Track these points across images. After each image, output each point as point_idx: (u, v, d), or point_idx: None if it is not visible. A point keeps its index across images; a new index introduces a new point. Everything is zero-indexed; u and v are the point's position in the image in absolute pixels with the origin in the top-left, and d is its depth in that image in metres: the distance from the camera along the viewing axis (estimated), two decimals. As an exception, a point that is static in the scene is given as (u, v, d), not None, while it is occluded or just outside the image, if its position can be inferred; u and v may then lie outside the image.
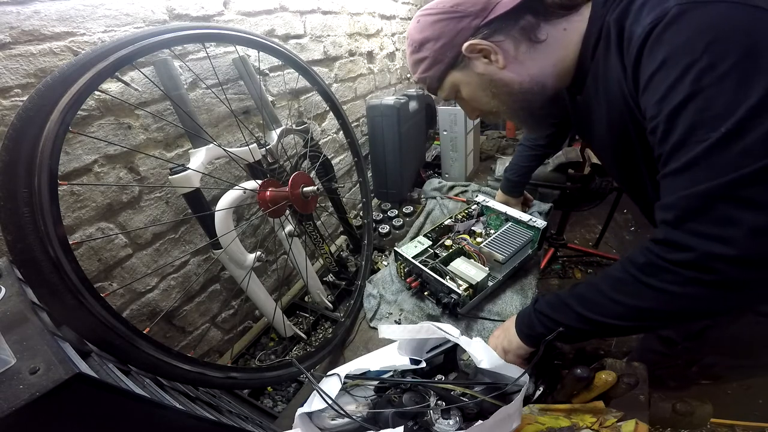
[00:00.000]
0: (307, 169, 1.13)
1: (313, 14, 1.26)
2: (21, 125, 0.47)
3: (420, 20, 0.62)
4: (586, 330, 0.55)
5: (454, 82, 0.65)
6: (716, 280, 0.39)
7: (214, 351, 1.03)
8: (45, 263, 0.44)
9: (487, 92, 0.63)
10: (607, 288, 0.50)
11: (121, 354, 0.50)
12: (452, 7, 0.58)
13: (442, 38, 0.60)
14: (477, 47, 0.58)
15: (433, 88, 0.68)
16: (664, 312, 0.45)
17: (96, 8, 0.68)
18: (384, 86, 1.85)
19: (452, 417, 0.56)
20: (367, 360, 0.69)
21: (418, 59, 0.65)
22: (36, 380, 0.30)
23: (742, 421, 1.10)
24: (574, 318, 0.55)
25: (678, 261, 0.41)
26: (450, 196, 1.53)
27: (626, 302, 0.48)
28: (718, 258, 0.38)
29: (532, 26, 0.56)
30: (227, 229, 0.78)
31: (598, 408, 0.60)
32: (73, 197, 0.68)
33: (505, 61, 0.58)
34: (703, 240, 0.39)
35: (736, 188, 0.36)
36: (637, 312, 0.47)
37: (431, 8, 0.61)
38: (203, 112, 0.91)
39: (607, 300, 0.50)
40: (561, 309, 0.58)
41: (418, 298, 0.99)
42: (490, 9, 0.56)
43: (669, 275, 0.43)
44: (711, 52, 0.36)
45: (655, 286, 0.44)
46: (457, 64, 0.62)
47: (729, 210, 0.37)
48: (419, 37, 0.63)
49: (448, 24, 0.59)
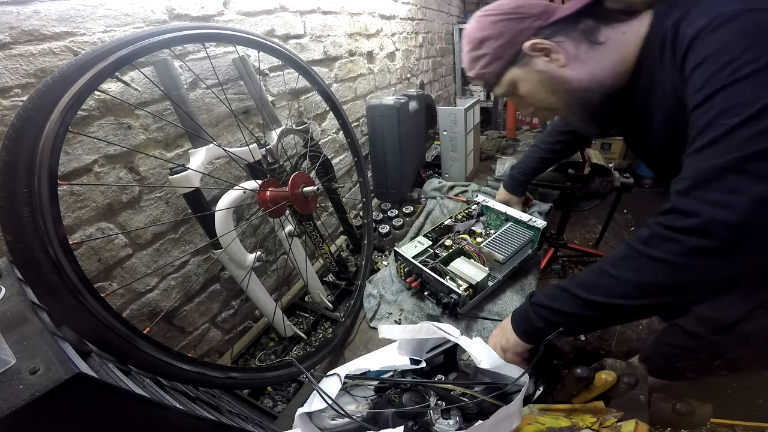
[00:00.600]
0: (307, 169, 1.13)
1: (313, 14, 1.26)
2: (21, 125, 0.47)
3: (480, 20, 0.67)
4: (588, 316, 0.54)
5: (513, 79, 0.68)
6: (717, 246, 0.41)
7: (214, 351, 1.03)
8: (45, 263, 0.44)
9: (546, 88, 0.66)
10: (609, 266, 0.51)
11: (121, 354, 0.50)
12: (513, 9, 0.64)
13: (503, 37, 0.65)
14: (538, 46, 0.62)
15: (491, 84, 0.72)
16: (665, 286, 0.46)
17: (96, 8, 0.68)
18: (384, 86, 1.85)
19: (452, 417, 0.56)
20: (367, 360, 0.69)
21: (478, 56, 0.69)
22: (36, 380, 0.30)
23: (742, 421, 1.10)
24: (575, 303, 0.55)
25: (682, 228, 0.43)
26: (450, 196, 1.53)
27: (628, 278, 0.48)
28: (721, 224, 0.40)
29: (591, 29, 0.61)
30: (227, 229, 0.78)
31: (598, 408, 0.60)
32: (73, 197, 0.68)
33: (566, 59, 0.62)
34: (709, 206, 0.41)
35: (746, 162, 0.39)
36: (639, 288, 0.48)
37: (491, 10, 0.66)
38: (203, 112, 0.91)
39: (609, 278, 0.50)
40: (559, 297, 0.57)
41: (418, 298, 0.99)
42: (551, 12, 0.62)
43: (672, 244, 0.44)
44: (749, 52, 0.40)
45: (657, 257, 0.45)
46: (517, 61, 0.66)
47: (737, 181, 0.39)
48: (479, 36, 0.67)
49: (509, 24, 0.64)
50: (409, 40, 2.13)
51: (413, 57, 2.21)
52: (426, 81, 2.47)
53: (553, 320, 0.58)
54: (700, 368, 0.84)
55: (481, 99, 2.87)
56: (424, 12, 2.32)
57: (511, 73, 0.68)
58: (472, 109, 1.63)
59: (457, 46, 2.99)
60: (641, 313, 0.52)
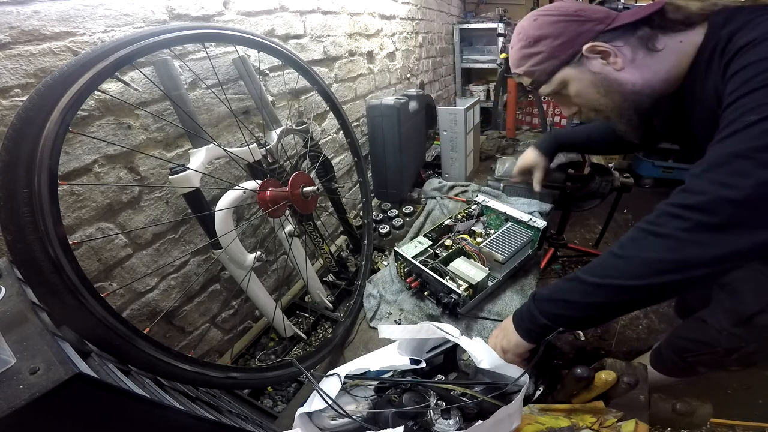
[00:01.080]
0: (307, 169, 1.13)
1: (313, 14, 1.26)
2: (21, 125, 0.47)
3: (538, 19, 0.68)
4: (594, 303, 0.55)
5: (565, 78, 0.69)
6: (720, 223, 0.44)
7: (214, 351, 1.03)
8: (45, 263, 0.44)
9: (599, 90, 0.68)
10: (616, 249, 0.53)
11: (121, 354, 0.50)
12: (576, 12, 0.66)
13: (562, 37, 0.66)
14: (598, 48, 0.64)
15: (540, 81, 0.72)
16: (672, 262, 0.47)
17: (96, 8, 0.68)
18: (384, 86, 1.85)
19: (452, 417, 0.56)
20: (367, 360, 0.69)
21: (531, 53, 0.70)
22: (36, 380, 0.30)
23: (742, 421, 1.10)
24: (582, 290, 0.55)
25: (689, 204, 0.46)
26: (450, 196, 1.53)
27: (635, 255, 0.50)
28: (725, 200, 0.43)
29: (650, 37, 0.63)
30: (227, 229, 0.78)
31: (598, 408, 0.60)
32: (73, 197, 0.68)
33: (623, 63, 0.64)
34: (716, 185, 0.45)
35: (756, 151, 0.43)
36: (646, 265, 0.49)
37: (552, 10, 0.67)
38: (203, 112, 0.91)
39: (616, 259, 0.52)
40: (565, 287, 0.58)
41: (418, 298, 0.99)
42: (612, 18, 0.64)
43: (678, 221, 0.47)
44: None
45: (663, 233, 0.48)
46: (572, 62, 0.67)
47: (745, 166, 0.43)
48: (536, 33, 0.68)
49: (570, 25, 0.65)
50: (409, 40, 2.13)
51: (413, 57, 2.21)
52: (426, 81, 2.47)
53: (558, 313, 0.58)
54: (713, 363, 0.85)
55: (481, 99, 2.87)
56: (424, 12, 2.32)
57: (564, 72, 0.69)
58: (472, 109, 1.63)
59: (458, 46, 2.99)
60: (649, 295, 0.52)
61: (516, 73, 0.76)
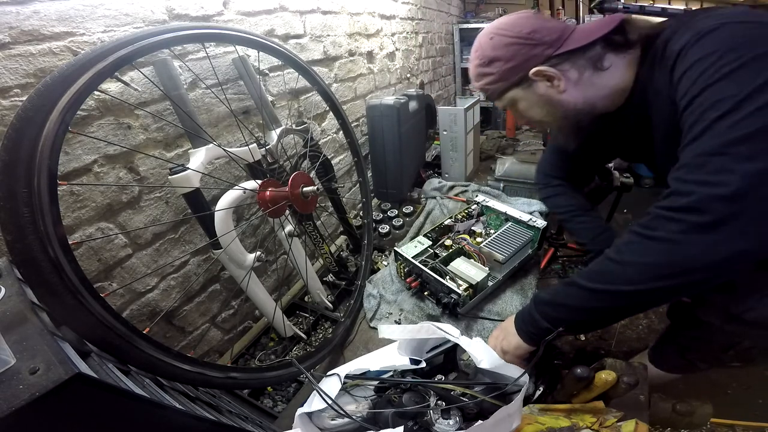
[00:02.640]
0: (307, 169, 1.13)
1: (313, 14, 1.26)
2: (20, 125, 0.47)
3: (494, 38, 0.68)
4: (594, 308, 0.55)
5: (514, 98, 0.72)
6: (714, 220, 0.43)
7: (214, 351, 1.03)
8: (45, 263, 0.44)
9: (543, 109, 0.71)
10: (613, 254, 0.52)
11: (121, 354, 0.50)
12: (529, 34, 0.65)
13: (513, 61, 0.67)
14: (543, 73, 0.65)
15: (492, 98, 0.77)
16: (670, 265, 0.47)
17: (95, 8, 0.68)
18: (384, 86, 1.85)
19: (452, 417, 0.56)
20: (367, 360, 0.69)
21: (485, 73, 0.71)
22: (36, 380, 0.30)
23: (742, 421, 1.10)
24: (582, 296, 0.55)
25: (680, 207, 0.46)
26: (450, 196, 1.53)
27: (633, 261, 0.50)
28: (715, 198, 0.43)
29: (599, 56, 0.64)
30: (227, 229, 0.78)
31: (598, 408, 0.60)
32: (73, 197, 0.68)
33: (566, 86, 0.66)
34: (702, 186, 0.45)
35: (728, 146, 0.44)
36: (644, 270, 0.49)
37: (507, 30, 0.67)
38: (203, 112, 0.91)
39: (614, 265, 0.51)
40: (564, 292, 0.58)
41: (418, 298, 0.99)
42: (563, 41, 0.64)
43: (673, 224, 0.46)
44: (728, 54, 0.46)
45: (659, 237, 0.47)
46: (520, 84, 0.69)
47: (723, 162, 0.44)
48: (491, 55, 0.69)
49: (522, 49, 0.66)
50: (409, 40, 2.13)
51: (413, 57, 2.21)
52: (426, 81, 2.47)
53: (559, 317, 0.58)
54: (712, 359, 0.85)
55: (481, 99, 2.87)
56: (424, 12, 2.32)
57: (513, 92, 0.71)
58: (472, 109, 1.63)
59: (457, 46, 2.99)
60: (648, 300, 0.52)
61: (473, 87, 0.79)
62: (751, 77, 0.44)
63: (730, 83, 0.45)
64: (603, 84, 0.66)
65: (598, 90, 0.67)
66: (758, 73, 0.44)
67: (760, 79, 0.43)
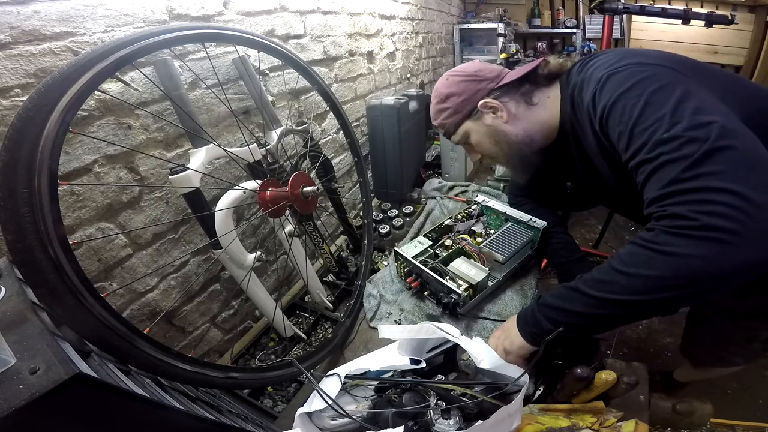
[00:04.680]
0: (307, 169, 1.13)
1: (313, 14, 1.26)
2: (21, 125, 0.47)
3: (449, 78, 0.81)
4: (599, 315, 0.55)
5: (467, 130, 0.82)
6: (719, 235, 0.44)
7: (214, 351, 1.03)
8: (45, 263, 0.44)
9: (491, 140, 0.79)
10: (619, 265, 0.52)
11: (121, 354, 0.50)
12: (474, 73, 0.78)
13: (464, 94, 0.78)
14: (488, 104, 0.76)
15: (449, 133, 0.86)
16: (675, 277, 0.47)
17: (96, 8, 0.68)
18: (384, 86, 1.85)
19: (452, 417, 0.56)
20: (367, 360, 0.69)
21: (443, 108, 0.82)
22: (36, 380, 0.30)
23: (742, 421, 1.10)
24: (587, 303, 0.55)
25: (683, 225, 0.46)
26: (450, 196, 1.53)
27: (640, 273, 0.50)
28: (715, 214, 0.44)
29: (529, 92, 0.76)
30: (227, 229, 0.78)
31: (598, 408, 0.60)
32: (73, 197, 0.68)
33: (508, 117, 0.76)
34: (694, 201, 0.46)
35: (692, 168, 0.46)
36: (650, 281, 0.49)
37: (459, 71, 0.81)
38: (203, 112, 0.91)
39: (620, 275, 0.52)
40: (570, 297, 0.58)
41: (418, 298, 0.99)
42: (502, 77, 0.77)
43: (679, 239, 0.46)
44: (631, 93, 0.54)
45: (667, 251, 0.47)
46: (471, 116, 0.80)
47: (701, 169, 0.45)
48: (446, 92, 0.80)
49: (470, 84, 0.78)
50: (409, 40, 2.13)
51: (413, 57, 2.21)
52: (426, 81, 2.47)
53: (563, 321, 0.59)
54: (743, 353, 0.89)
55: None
56: (424, 12, 2.32)
57: (466, 125, 0.81)
58: (472, 109, 1.62)
59: (457, 46, 3.00)
60: (653, 308, 0.53)
61: (435, 125, 0.88)
62: (661, 105, 0.50)
63: (648, 116, 0.51)
64: (535, 119, 0.76)
65: (533, 124, 0.76)
66: (665, 101, 0.50)
67: (669, 104, 0.50)
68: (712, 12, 1.66)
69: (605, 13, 1.71)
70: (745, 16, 2.95)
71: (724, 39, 3.03)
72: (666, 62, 0.57)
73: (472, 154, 0.88)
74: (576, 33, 3.14)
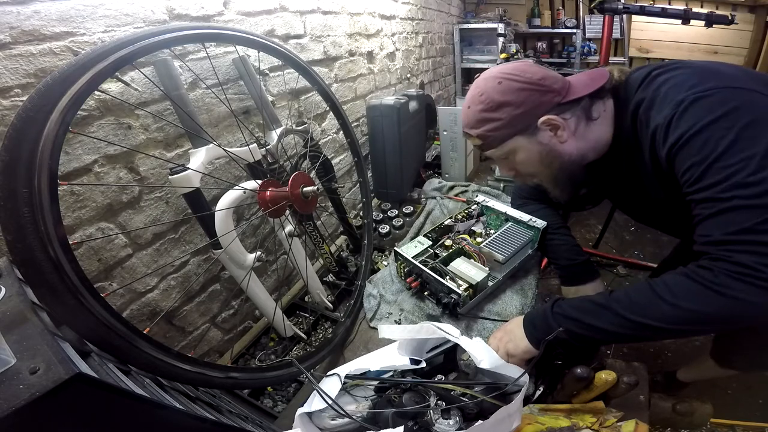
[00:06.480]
0: (307, 169, 1.13)
1: (313, 14, 1.26)
2: (21, 125, 0.47)
3: (503, 83, 0.65)
4: (620, 333, 0.55)
5: (515, 147, 0.69)
6: None
7: (214, 351, 1.03)
8: (45, 263, 0.44)
9: (542, 160, 0.69)
10: (665, 293, 0.52)
11: (121, 354, 0.50)
12: (539, 80, 0.64)
13: (524, 106, 0.64)
14: (551, 121, 0.64)
15: (489, 147, 0.71)
16: (724, 316, 0.48)
17: (96, 8, 0.68)
18: (384, 86, 1.85)
19: (452, 417, 0.56)
20: (367, 360, 0.69)
21: (490, 118, 0.67)
22: (36, 380, 0.30)
23: (742, 421, 1.10)
24: (614, 322, 0.55)
25: (749, 274, 0.45)
26: (450, 196, 1.53)
27: (690, 307, 0.49)
28: None
29: (589, 106, 0.66)
30: (227, 229, 0.78)
31: (598, 408, 0.60)
32: (73, 197, 0.68)
33: (567, 136, 0.66)
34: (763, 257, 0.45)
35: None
36: (696, 316, 0.49)
37: (517, 75, 0.65)
38: (203, 112, 0.91)
39: (665, 304, 0.51)
40: (595, 313, 0.58)
41: (418, 298, 0.99)
42: (567, 89, 0.65)
43: (743, 285, 0.46)
44: (719, 124, 0.48)
45: (727, 293, 0.47)
46: (525, 132, 0.66)
47: None
48: (500, 99, 0.65)
49: (533, 95, 0.64)
50: (409, 40, 2.13)
51: (413, 57, 2.21)
52: (426, 81, 2.47)
53: (582, 334, 0.59)
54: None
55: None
56: (424, 12, 2.32)
57: (516, 140, 0.68)
58: (472, 109, 1.62)
59: (457, 46, 2.99)
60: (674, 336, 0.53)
61: (467, 133, 0.73)
62: (753, 145, 0.46)
63: (735, 154, 0.47)
64: (592, 136, 0.67)
65: (588, 142, 0.67)
66: (757, 140, 0.46)
67: (761, 145, 0.46)
68: (712, 12, 1.66)
69: (605, 13, 1.71)
70: (745, 16, 2.95)
71: (724, 39, 3.03)
72: (753, 84, 0.51)
73: (506, 169, 0.77)
74: (576, 33, 3.13)
